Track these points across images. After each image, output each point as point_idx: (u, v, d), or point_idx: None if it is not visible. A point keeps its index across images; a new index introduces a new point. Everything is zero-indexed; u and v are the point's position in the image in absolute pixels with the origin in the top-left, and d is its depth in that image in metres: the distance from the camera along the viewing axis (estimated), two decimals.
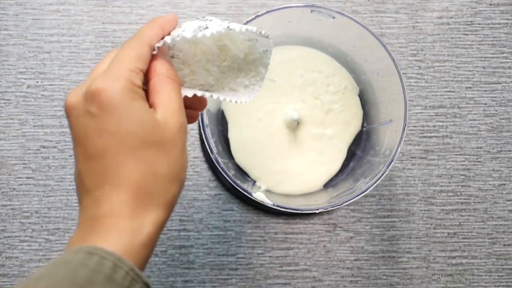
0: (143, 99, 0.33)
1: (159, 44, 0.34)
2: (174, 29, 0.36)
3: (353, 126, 0.59)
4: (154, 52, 0.34)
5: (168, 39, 0.34)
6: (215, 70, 0.39)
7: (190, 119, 0.39)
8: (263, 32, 0.37)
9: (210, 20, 0.36)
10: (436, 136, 0.62)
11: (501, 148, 0.62)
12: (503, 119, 0.62)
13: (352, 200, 0.49)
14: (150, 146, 0.32)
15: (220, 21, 0.36)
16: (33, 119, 0.60)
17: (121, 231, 0.31)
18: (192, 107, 0.39)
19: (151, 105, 0.33)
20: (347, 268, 0.60)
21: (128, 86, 0.31)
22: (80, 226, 0.32)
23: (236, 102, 0.39)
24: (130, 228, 0.31)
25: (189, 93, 0.36)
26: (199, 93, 0.36)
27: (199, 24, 0.35)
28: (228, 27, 0.35)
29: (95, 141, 0.31)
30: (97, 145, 0.31)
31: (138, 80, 0.32)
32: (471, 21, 0.63)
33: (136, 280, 0.30)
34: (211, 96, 0.37)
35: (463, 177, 0.61)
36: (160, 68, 0.34)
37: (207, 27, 0.35)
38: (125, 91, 0.31)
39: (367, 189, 0.49)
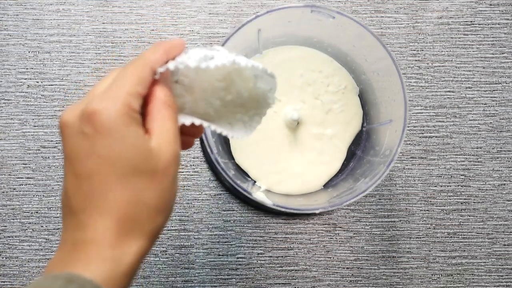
0: (139, 125, 0.32)
1: (162, 70, 0.33)
2: (179, 54, 0.35)
3: (353, 126, 0.59)
4: (156, 77, 0.34)
5: (171, 65, 0.34)
6: (217, 103, 0.38)
7: (185, 145, 0.38)
8: (268, 71, 0.37)
9: (218, 51, 0.35)
10: (436, 136, 0.62)
11: (501, 148, 0.62)
12: (503, 119, 0.62)
13: (352, 200, 0.49)
14: (141, 174, 0.31)
15: (228, 52, 0.35)
16: (33, 119, 0.60)
17: (102, 259, 0.30)
18: (189, 134, 0.38)
19: (146, 130, 0.33)
20: (347, 268, 0.60)
21: (125, 111, 0.31)
22: (61, 248, 0.32)
23: (232, 137, 0.38)
24: (112, 257, 0.30)
25: (187, 121, 0.35)
26: (197, 122, 0.35)
27: (206, 53, 0.34)
28: (234, 60, 0.34)
29: (86, 162, 0.31)
30: (87, 167, 0.31)
31: (136, 105, 0.32)
32: (471, 21, 0.63)
33: None
34: (208, 126, 0.37)
35: (463, 177, 0.61)
36: (159, 94, 0.33)
37: (212, 58, 0.34)
38: (122, 115, 0.31)
39: (367, 189, 0.49)
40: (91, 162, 0.31)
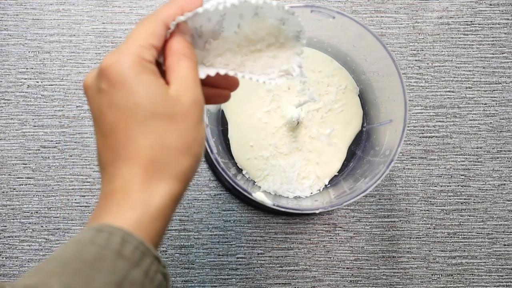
0: (154, 73, 0.33)
1: (175, 22, 0.34)
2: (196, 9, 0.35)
3: (353, 126, 0.59)
4: (170, 31, 0.34)
5: (181, 17, 0.34)
6: (243, 51, 0.38)
7: (222, 98, 0.39)
8: (286, 8, 0.36)
9: None
10: (436, 136, 0.62)
11: (501, 148, 0.62)
12: (503, 119, 0.62)
13: (352, 200, 0.49)
14: (160, 118, 0.32)
15: None
16: (33, 119, 0.60)
17: (131, 205, 0.31)
18: (222, 86, 0.39)
19: (167, 83, 0.33)
20: (347, 268, 0.60)
21: (136, 61, 0.32)
22: (97, 205, 0.33)
23: (264, 82, 0.38)
24: (140, 201, 0.31)
25: (212, 71, 0.36)
26: (222, 71, 0.36)
27: (218, 1, 0.35)
28: (244, 0, 0.35)
29: (107, 117, 0.32)
30: (109, 121, 0.32)
31: (149, 55, 0.33)
32: (471, 21, 0.63)
33: (146, 254, 0.30)
34: (236, 74, 0.37)
35: (463, 177, 0.61)
36: (175, 46, 0.34)
37: (225, 2, 0.34)
38: (134, 65, 0.32)
39: (367, 189, 0.49)
40: (111, 115, 0.32)
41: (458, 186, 0.61)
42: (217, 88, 0.39)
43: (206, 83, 0.37)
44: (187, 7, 0.35)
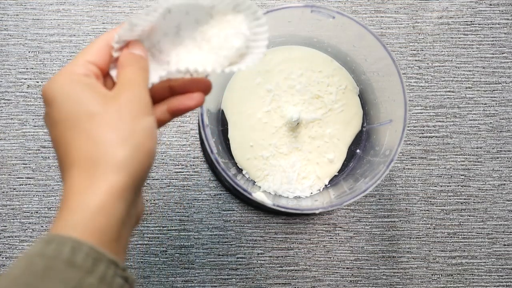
0: (86, 84, 0.34)
1: (116, 38, 0.36)
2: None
3: (353, 126, 0.59)
4: (116, 48, 0.36)
5: (116, 34, 0.36)
6: (203, 49, 0.38)
7: (191, 100, 0.38)
8: None
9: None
10: (436, 136, 0.62)
11: (501, 148, 0.62)
12: (503, 119, 0.62)
13: (352, 200, 0.49)
14: (89, 118, 0.33)
15: None
16: (33, 119, 0.60)
17: (72, 209, 0.31)
18: (193, 90, 0.38)
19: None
20: (347, 268, 0.60)
21: (66, 77, 0.34)
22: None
23: (231, 70, 0.37)
24: (80, 202, 0.31)
25: (163, 73, 0.36)
26: (173, 68, 0.37)
27: (146, 10, 0.36)
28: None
29: (51, 134, 0.34)
30: (53, 137, 0.34)
31: (82, 69, 0.34)
32: (471, 21, 0.63)
33: (99, 259, 0.30)
34: (196, 71, 0.36)
35: (463, 177, 0.61)
36: (121, 59, 0.36)
37: (155, 10, 0.36)
38: (63, 81, 0.34)
39: (367, 189, 0.49)
40: (53, 132, 0.34)
41: (458, 186, 0.61)
42: (190, 92, 0.38)
43: (176, 91, 0.38)
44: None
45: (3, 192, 0.59)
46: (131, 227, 0.34)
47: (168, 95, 0.38)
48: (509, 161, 0.62)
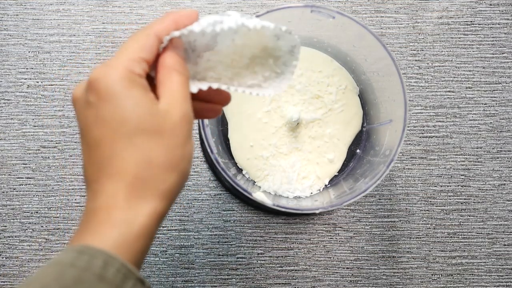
0: (143, 87, 0.32)
1: (168, 37, 0.34)
2: (191, 23, 0.35)
3: (353, 126, 0.59)
4: (163, 45, 0.34)
5: (176, 32, 0.34)
6: (235, 65, 0.38)
7: (214, 113, 0.38)
8: (283, 29, 0.36)
9: (229, 16, 0.35)
10: (436, 136, 0.62)
11: (501, 148, 0.62)
12: (503, 119, 0.62)
13: (352, 200, 0.49)
14: (146, 133, 0.31)
15: (239, 16, 0.35)
16: (33, 119, 0.60)
17: (114, 223, 0.30)
18: (214, 101, 0.38)
19: (157, 98, 0.33)
20: (347, 268, 0.60)
21: (125, 75, 0.31)
22: (81, 220, 0.32)
23: (257, 94, 0.38)
24: (123, 220, 0.30)
25: (204, 85, 0.35)
26: (215, 85, 0.36)
27: (215, 19, 0.34)
28: (242, 24, 0.34)
29: (93, 131, 0.31)
30: (95, 135, 0.31)
31: (139, 69, 0.32)
32: (471, 21, 0.63)
33: (128, 277, 0.30)
34: (228, 88, 0.37)
35: (463, 177, 0.61)
36: (167, 60, 0.33)
37: (221, 22, 0.34)
38: (122, 79, 0.31)
39: (367, 189, 0.49)
40: (97, 129, 0.31)
41: (458, 186, 0.61)
42: (209, 103, 0.38)
43: (198, 97, 0.37)
44: (181, 21, 0.34)
45: (3, 192, 0.59)
46: None
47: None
48: (509, 161, 0.62)
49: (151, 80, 0.34)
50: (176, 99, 0.32)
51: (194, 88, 0.35)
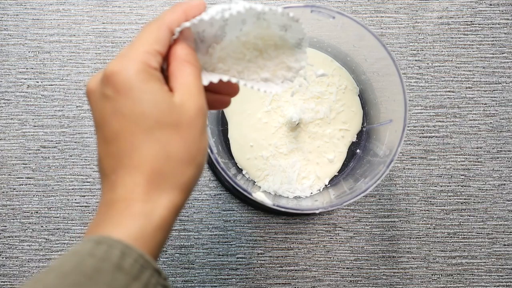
0: (160, 81, 0.32)
1: (179, 28, 0.34)
2: (200, 14, 0.35)
3: (353, 126, 0.59)
4: (175, 36, 0.34)
5: (187, 23, 0.34)
6: (246, 59, 0.38)
7: (222, 104, 0.39)
8: (291, 15, 0.36)
9: (236, 3, 0.35)
10: (436, 136, 0.62)
11: (501, 148, 0.62)
12: (503, 119, 0.62)
13: (352, 200, 0.49)
14: (165, 127, 0.31)
15: (246, 2, 0.35)
16: (33, 119, 0.60)
17: (133, 215, 0.30)
18: (223, 92, 0.38)
19: (170, 90, 0.33)
20: (347, 268, 0.60)
21: (142, 68, 0.31)
22: (97, 212, 0.32)
23: (265, 91, 0.38)
24: (142, 211, 0.31)
25: (215, 78, 0.35)
26: (225, 78, 0.36)
27: (223, 7, 0.34)
28: (250, 7, 0.34)
29: (111, 124, 0.31)
30: (113, 128, 0.31)
31: (155, 62, 0.32)
32: (471, 21, 0.63)
33: (146, 267, 0.30)
34: (238, 82, 0.37)
35: (463, 177, 0.61)
36: (179, 52, 0.33)
37: (230, 9, 0.34)
38: (139, 72, 0.31)
39: (367, 189, 0.49)
40: (115, 122, 0.31)
41: (458, 186, 0.61)
42: (218, 94, 0.38)
43: (208, 88, 0.37)
44: (191, 11, 0.34)
45: (3, 192, 0.59)
46: None
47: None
48: (509, 161, 0.62)
49: (162, 72, 0.34)
50: (191, 92, 0.32)
51: (205, 81, 0.35)
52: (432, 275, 0.60)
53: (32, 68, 0.61)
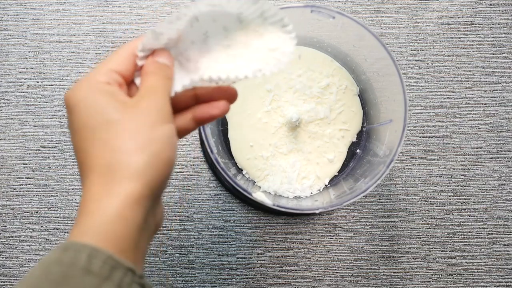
0: (105, 90, 0.34)
1: (140, 47, 0.36)
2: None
3: (353, 126, 0.59)
4: (141, 54, 0.36)
5: (140, 43, 0.36)
6: (229, 51, 0.38)
7: (216, 109, 0.38)
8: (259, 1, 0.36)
9: (195, 5, 0.36)
10: (436, 136, 0.62)
11: (501, 148, 0.62)
12: (503, 119, 0.62)
13: (352, 200, 0.49)
14: (106, 125, 0.33)
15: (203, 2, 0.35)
16: (33, 119, 0.60)
17: (91, 214, 0.31)
18: (218, 98, 0.38)
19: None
20: (347, 268, 0.60)
21: (87, 84, 0.34)
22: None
23: (256, 76, 0.37)
24: (98, 207, 0.31)
25: (186, 81, 0.36)
26: (195, 77, 0.36)
27: (177, 15, 0.35)
28: (210, 3, 0.35)
29: (72, 140, 0.34)
30: (74, 143, 0.34)
31: (104, 77, 0.34)
32: (471, 21, 0.63)
33: (116, 267, 0.30)
34: (219, 78, 0.36)
35: (463, 177, 0.61)
36: (145, 67, 0.36)
37: (185, 14, 0.35)
38: (84, 89, 0.34)
39: (367, 189, 0.49)
40: (72, 137, 0.34)
41: (458, 186, 0.61)
42: (215, 101, 0.38)
43: (201, 99, 0.38)
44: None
45: (3, 192, 0.59)
46: (149, 235, 0.34)
47: (193, 103, 0.38)
48: (509, 161, 0.62)
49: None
50: (145, 92, 0.35)
51: (178, 86, 0.36)
52: (432, 275, 0.60)
53: (32, 68, 0.61)
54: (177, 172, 0.60)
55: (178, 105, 0.37)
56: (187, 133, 0.38)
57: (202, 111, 0.38)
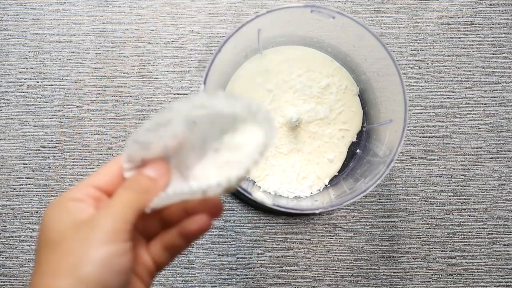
0: (67, 209, 0.33)
1: (125, 159, 0.34)
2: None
3: (353, 126, 0.59)
4: (126, 166, 0.35)
5: (125, 155, 0.34)
6: (220, 159, 0.34)
7: (193, 224, 0.35)
8: (254, 106, 0.32)
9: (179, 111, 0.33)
10: (436, 136, 0.62)
11: (501, 148, 0.62)
12: (503, 119, 0.62)
13: (352, 200, 0.49)
14: (48, 244, 0.32)
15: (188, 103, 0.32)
16: (33, 119, 0.60)
17: None
18: (201, 212, 0.36)
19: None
20: (347, 268, 0.60)
21: (58, 202, 0.33)
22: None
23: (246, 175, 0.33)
24: None
25: (160, 200, 0.34)
26: (170, 191, 0.34)
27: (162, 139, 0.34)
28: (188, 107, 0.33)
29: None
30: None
31: (78, 193, 0.34)
32: (471, 21, 0.63)
33: None
34: (192, 189, 0.33)
35: (463, 177, 0.61)
36: (124, 182, 0.35)
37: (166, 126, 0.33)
38: (54, 206, 0.33)
39: (367, 189, 0.49)
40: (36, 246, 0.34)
41: (458, 186, 0.61)
42: (197, 216, 0.35)
43: (189, 213, 0.35)
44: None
45: (3, 192, 0.59)
46: None
47: (185, 218, 0.36)
48: (509, 161, 0.62)
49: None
50: (104, 207, 0.33)
51: (156, 203, 0.34)
52: (432, 275, 0.60)
53: (32, 68, 0.61)
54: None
55: (171, 220, 0.36)
56: (179, 251, 0.36)
57: (184, 225, 0.35)
